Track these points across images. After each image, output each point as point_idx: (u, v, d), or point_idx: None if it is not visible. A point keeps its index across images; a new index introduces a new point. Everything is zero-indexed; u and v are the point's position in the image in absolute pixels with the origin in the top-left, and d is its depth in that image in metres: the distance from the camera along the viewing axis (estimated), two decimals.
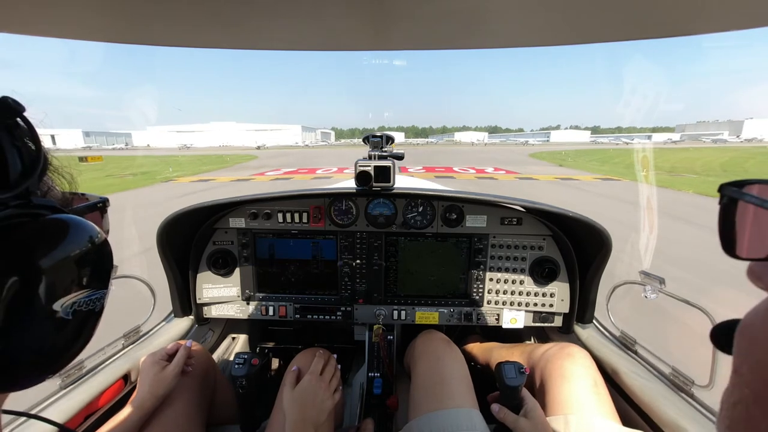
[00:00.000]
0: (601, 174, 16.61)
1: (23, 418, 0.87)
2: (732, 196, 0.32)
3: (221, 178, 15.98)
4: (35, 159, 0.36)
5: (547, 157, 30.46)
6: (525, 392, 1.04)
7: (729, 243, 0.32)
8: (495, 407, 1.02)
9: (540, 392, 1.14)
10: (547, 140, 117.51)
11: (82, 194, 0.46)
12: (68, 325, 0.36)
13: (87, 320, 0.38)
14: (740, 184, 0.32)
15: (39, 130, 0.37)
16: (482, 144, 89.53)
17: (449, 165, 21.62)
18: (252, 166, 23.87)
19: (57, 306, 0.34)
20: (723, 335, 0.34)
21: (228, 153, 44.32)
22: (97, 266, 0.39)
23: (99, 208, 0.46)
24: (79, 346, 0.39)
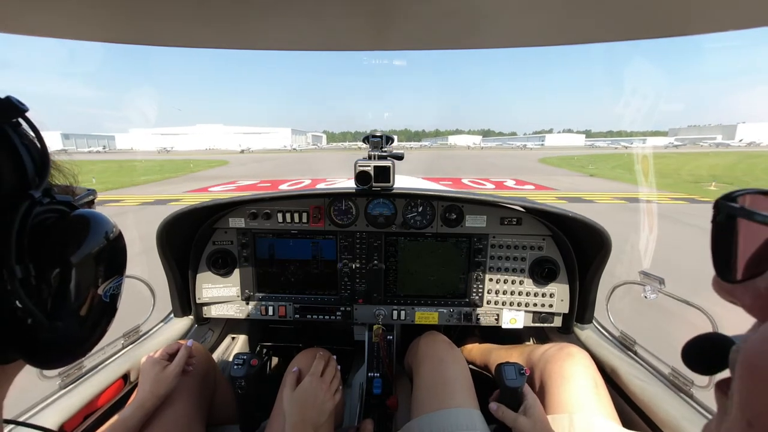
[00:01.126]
0: (670, 191, 11.63)
1: (22, 418, 0.89)
2: (730, 213, 0.28)
3: (131, 199, 11.15)
4: (45, 156, 0.38)
5: (560, 163, 26.43)
6: (526, 387, 1.05)
7: (725, 266, 0.28)
8: (493, 405, 1.03)
9: (540, 393, 1.17)
10: (542, 144, 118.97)
11: (68, 186, 0.48)
12: (106, 306, 0.42)
13: (115, 303, 0.44)
14: (731, 197, 0.28)
15: None
16: (478, 147, 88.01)
17: (455, 175, 17.66)
18: (211, 175, 19.43)
19: (101, 290, 0.41)
20: (697, 354, 0.31)
21: (208, 157, 41.43)
22: (120, 254, 0.45)
23: (90, 199, 0.49)
24: (109, 325, 0.45)
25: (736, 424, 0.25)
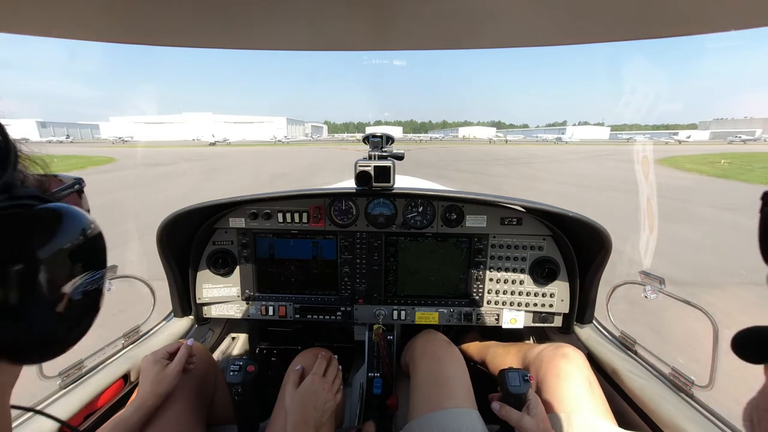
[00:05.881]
0: None
1: (26, 416, 0.96)
2: None
3: None
4: (5, 150, 0.38)
5: (704, 167, 19.07)
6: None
7: None
8: (496, 405, 1.09)
9: (536, 392, 1.23)
10: (562, 136, 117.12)
11: (55, 176, 0.49)
12: (79, 305, 0.43)
13: (95, 297, 0.45)
14: None
15: None
16: (503, 141, 78.79)
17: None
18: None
19: (67, 289, 0.40)
20: (750, 344, 0.35)
21: (98, 152, 36.35)
22: (94, 247, 0.45)
23: (76, 189, 0.49)
24: (86, 324, 0.46)
25: None
